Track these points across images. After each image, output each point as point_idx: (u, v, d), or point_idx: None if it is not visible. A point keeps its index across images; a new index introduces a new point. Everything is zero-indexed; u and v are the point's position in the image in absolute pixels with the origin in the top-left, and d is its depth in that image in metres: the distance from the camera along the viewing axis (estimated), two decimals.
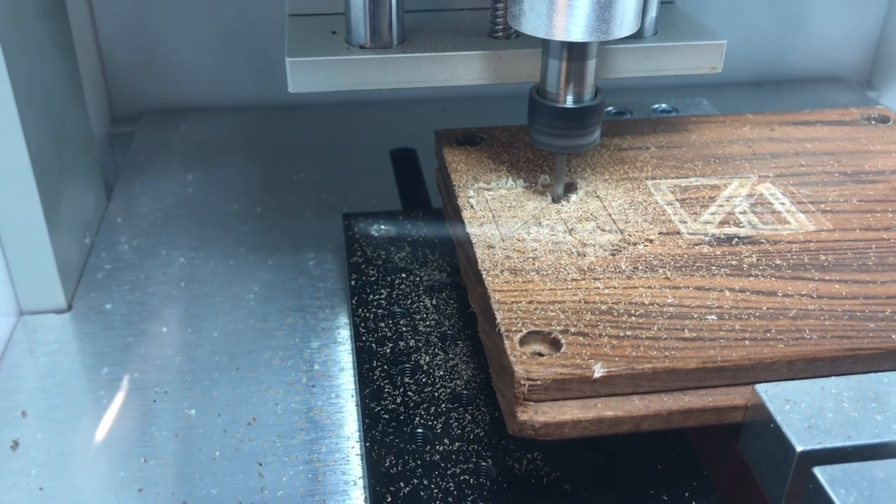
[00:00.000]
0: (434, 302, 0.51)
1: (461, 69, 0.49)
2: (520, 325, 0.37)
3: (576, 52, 0.43)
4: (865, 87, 0.90)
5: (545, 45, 0.44)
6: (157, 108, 0.83)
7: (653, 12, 0.50)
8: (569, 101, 0.44)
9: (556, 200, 0.47)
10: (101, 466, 0.45)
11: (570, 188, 0.48)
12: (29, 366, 0.52)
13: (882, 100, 0.87)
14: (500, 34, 0.50)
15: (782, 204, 0.47)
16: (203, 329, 0.54)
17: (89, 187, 0.64)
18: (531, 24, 0.41)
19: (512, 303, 0.38)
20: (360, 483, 0.43)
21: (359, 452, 0.45)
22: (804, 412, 0.34)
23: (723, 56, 0.51)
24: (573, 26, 0.40)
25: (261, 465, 0.45)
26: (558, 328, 0.37)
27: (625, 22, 0.40)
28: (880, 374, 0.36)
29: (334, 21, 0.51)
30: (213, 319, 0.55)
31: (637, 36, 0.50)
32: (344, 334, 0.54)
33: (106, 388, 0.50)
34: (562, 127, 0.44)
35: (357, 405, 0.48)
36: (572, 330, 0.37)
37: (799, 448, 0.33)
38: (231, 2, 0.78)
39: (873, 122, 0.56)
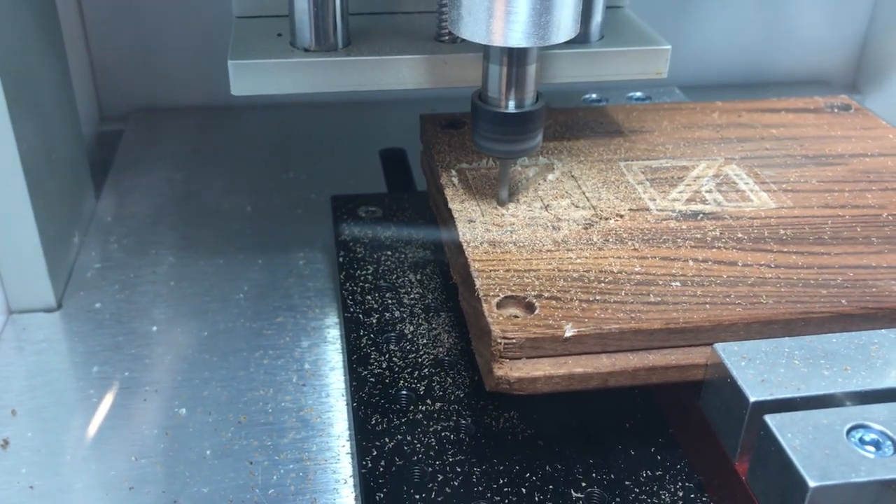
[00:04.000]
0: (418, 277, 0.56)
1: (406, 72, 0.51)
2: (497, 290, 0.42)
3: (515, 58, 0.45)
4: (850, 89, 0.94)
5: (485, 50, 0.46)
6: (147, 107, 0.86)
7: (598, 17, 0.53)
8: (510, 107, 0.46)
9: (501, 204, 0.49)
10: (91, 465, 0.47)
11: (548, 169, 0.53)
12: (18, 364, 0.54)
13: (866, 102, 0.91)
14: (447, 38, 0.52)
15: (746, 184, 0.53)
16: (193, 328, 0.57)
17: (78, 186, 0.67)
18: (470, 29, 0.42)
19: (490, 271, 0.44)
20: (351, 482, 0.46)
21: (349, 451, 0.48)
22: (758, 368, 0.39)
23: (668, 61, 0.53)
24: (511, 32, 0.42)
25: (251, 463, 0.47)
26: (533, 293, 0.42)
27: (562, 27, 0.42)
28: (830, 335, 0.41)
29: (283, 23, 0.53)
30: (203, 319, 0.58)
31: (582, 41, 0.52)
32: (334, 333, 0.57)
33: (96, 386, 0.52)
34: (503, 132, 0.46)
35: (344, 371, 0.51)
36: (546, 295, 0.42)
37: (752, 398, 0.38)
38: (220, 0, 0.79)
39: (836, 110, 0.62)
